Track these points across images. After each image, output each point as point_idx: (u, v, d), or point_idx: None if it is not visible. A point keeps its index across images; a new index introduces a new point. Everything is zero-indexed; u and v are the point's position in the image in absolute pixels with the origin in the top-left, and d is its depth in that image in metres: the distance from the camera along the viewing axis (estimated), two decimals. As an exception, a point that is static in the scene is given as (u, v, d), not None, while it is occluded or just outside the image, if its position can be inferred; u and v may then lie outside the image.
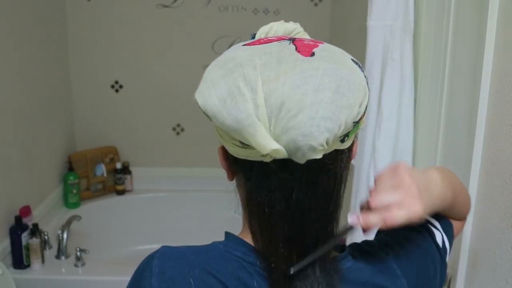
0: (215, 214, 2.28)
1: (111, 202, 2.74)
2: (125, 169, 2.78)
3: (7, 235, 1.94)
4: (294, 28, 0.67)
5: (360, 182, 1.36)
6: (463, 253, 0.98)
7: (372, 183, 1.28)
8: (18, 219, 1.94)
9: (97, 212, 2.64)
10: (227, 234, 0.67)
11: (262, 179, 0.59)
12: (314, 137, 0.53)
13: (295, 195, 0.59)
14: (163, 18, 2.66)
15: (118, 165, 2.74)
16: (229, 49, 0.62)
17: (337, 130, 0.54)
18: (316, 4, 2.66)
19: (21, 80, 2.13)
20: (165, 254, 0.65)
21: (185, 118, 2.80)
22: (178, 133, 2.83)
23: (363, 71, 0.61)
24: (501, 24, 0.87)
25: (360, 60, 0.66)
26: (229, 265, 0.63)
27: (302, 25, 0.69)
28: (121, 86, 2.76)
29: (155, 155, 2.85)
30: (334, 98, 0.54)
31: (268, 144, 0.54)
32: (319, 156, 0.55)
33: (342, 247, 0.70)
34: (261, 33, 0.66)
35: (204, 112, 0.59)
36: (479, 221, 0.93)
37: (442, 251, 0.74)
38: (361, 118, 0.59)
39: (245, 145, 0.58)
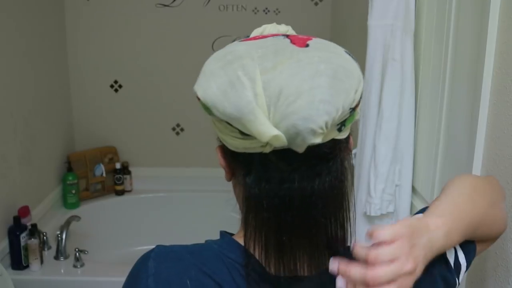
0: (215, 214, 2.28)
1: (111, 202, 2.73)
2: (125, 169, 2.78)
3: (5, 236, 1.94)
4: (286, 30, 0.69)
5: (360, 182, 1.35)
6: (464, 253, 0.97)
7: (372, 185, 1.28)
8: (16, 219, 1.93)
9: (96, 212, 2.63)
10: (222, 234, 0.68)
11: (262, 171, 0.60)
12: (314, 120, 0.54)
13: (292, 185, 0.59)
14: (162, 18, 2.66)
15: (118, 165, 2.74)
16: (226, 46, 0.63)
17: (335, 114, 0.56)
18: (316, 4, 2.65)
19: (20, 80, 2.12)
20: (161, 255, 0.65)
21: (185, 118, 2.79)
22: (177, 133, 2.83)
23: (356, 62, 0.62)
24: (502, 23, 0.87)
25: (360, 60, 0.66)
26: (224, 266, 0.63)
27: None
28: (120, 86, 2.75)
29: (154, 155, 2.84)
30: (331, 83, 0.56)
31: (267, 131, 0.54)
32: (318, 140, 0.56)
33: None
34: (255, 33, 0.67)
35: (203, 105, 0.59)
36: (480, 222, 0.93)
37: (451, 270, 0.69)
38: (356, 106, 0.60)
39: (244, 136, 0.58)
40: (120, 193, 2.77)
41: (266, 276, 0.62)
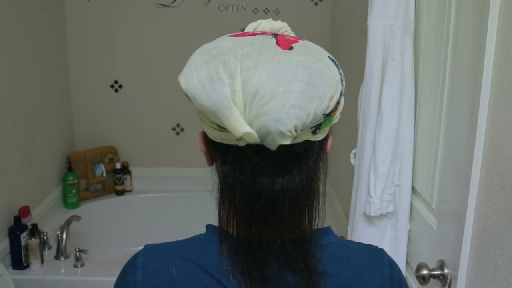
0: (214, 214, 2.28)
1: (111, 202, 2.73)
2: (125, 169, 2.78)
3: (6, 236, 1.94)
4: (281, 27, 0.71)
5: (360, 182, 1.35)
6: (464, 253, 0.97)
7: (372, 185, 1.28)
8: (17, 219, 1.93)
9: (97, 212, 2.64)
10: (207, 225, 0.72)
11: (236, 162, 0.63)
12: (283, 123, 0.56)
13: (264, 179, 0.62)
14: (162, 18, 2.66)
15: (118, 165, 2.74)
16: (216, 39, 0.66)
17: (306, 119, 0.58)
18: (316, 4, 2.65)
19: (20, 80, 2.12)
20: (149, 250, 0.70)
21: (185, 118, 2.80)
22: (178, 133, 2.83)
23: (339, 68, 0.64)
24: (502, 23, 0.87)
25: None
26: (209, 251, 0.68)
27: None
28: (120, 86, 2.75)
29: (154, 155, 2.84)
30: (305, 88, 0.58)
31: (241, 127, 0.57)
32: (287, 142, 0.58)
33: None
34: (249, 28, 0.70)
35: (185, 94, 0.62)
36: (479, 221, 0.93)
37: None
38: (332, 112, 0.63)
39: (221, 128, 0.61)
40: (120, 193, 2.78)
41: (239, 242, 0.66)
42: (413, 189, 1.30)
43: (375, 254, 0.73)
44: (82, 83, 2.73)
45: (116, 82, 2.75)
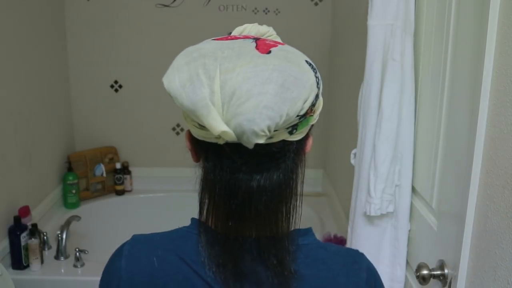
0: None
1: (111, 202, 2.73)
2: (125, 169, 2.78)
3: (6, 236, 1.94)
4: (267, 31, 0.74)
5: (360, 182, 1.35)
6: (464, 253, 0.97)
7: (372, 185, 1.29)
8: (17, 219, 1.93)
9: (97, 212, 2.64)
10: (192, 218, 0.76)
11: (217, 159, 0.67)
12: (257, 123, 0.59)
13: (242, 176, 0.65)
14: (162, 18, 2.66)
15: (118, 165, 2.74)
16: (201, 42, 0.69)
17: (278, 120, 0.60)
18: (316, 4, 2.65)
19: (20, 80, 2.12)
20: (135, 240, 0.76)
21: (185, 118, 2.79)
22: (178, 133, 2.83)
23: (316, 72, 0.67)
24: (502, 23, 0.87)
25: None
26: (189, 242, 0.71)
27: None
28: (120, 86, 2.75)
29: (154, 155, 2.84)
30: (278, 90, 0.61)
31: (218, 126, 0.60)
32: (261, 140, 0.61)
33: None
34: (235, 32, 0.73)
35: (168, 94, 0.66)
36: (479, 221, 0.93)
37: None
38: (308, 114, 0.66)
39: (201, 127, 0.65)
40: (120, 193, 2.78)
41: (216, 235, 0.69)
42: (413, 189, 1.30)
43: (354, 259, 0.75)
44: (82, 83, 2.73)
45: (116, 82, 2.75)
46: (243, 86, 0.60)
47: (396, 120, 1.26)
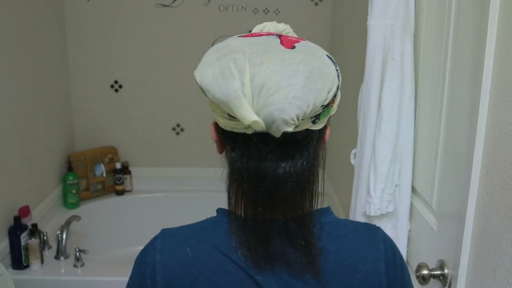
0: (214, 214, 2.28)
1: (111, 202, 2.73)
2: (125, 169, 2.78)
3: (6, 236, 1.94)
4: (285, 28, 0.78)
5: (360, 182, 1.35)
6: (464, 253, 0.97)
7: (371, 185, 1.28)
8: (17, 219, 1.94)
9: (97, 212, 2.64)
10: (218, 209, 0.79)
11: (244, 148, 0.70)
12: (287, 112, 0.64)
13: (268, 163, 0.69)
14: (162, 18, 2.66)
15: (118, 165, 2.74)
16: (227, 39, 0.73)
17: (306, 108, 0.65)
18: (316, 4, 2.65)
19: (20, 80, 2.12)
20: (166, 234, 0.78)
21: (185, 118, 2.80)
22: (178, 133, 2.83)
23: (336, 65, 0.71)
24: (502, 23, 0.87)
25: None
26: (220, 230, 0.75)
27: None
28: (120, 86, 2.75)
29: (154, 155, 2.84)
30: (305, 82, 0.65)
31: (249, 116, 0.64)
32: (290, 129, 0.65)
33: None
34: (256, 29, 0.77)
35: (200, 87, 0.69)
36: (479, 221, 0.93)
37: None
38: (330, 104, 0.70)
39: (231, 117, 0.68)
40: (120, 193, 2.78)
41: (246, 221, 0.73)
42: (413, 189, 1.30)
43: (371, 232, 0.80)
44: (82, 83, 2.73)
45: (116, 82, 2.75)
46: (272, 79, 0.64)
47: (396, 120, 1.26)
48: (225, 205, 0.77)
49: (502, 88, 0.86)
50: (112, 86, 2.75)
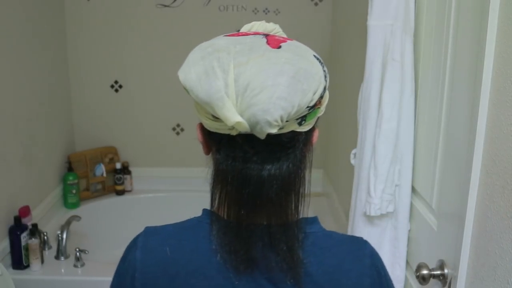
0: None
1: (111, 202, 2.73)
2: (125, 169, 2.78)
3: (6, 236, 1.94)
4: (273, 28, 0.76)
5: (360, 182, 1.35)
6: (464, 253, 0.97)
7: (372, 185, 1.29)
8: (17, 219, 1.94)
9: (97, 212, 2.64)
10: (203, 209, 0.78)
11: (229, 150, 0.69)
12: (270, 113, 0.62)
13: (253, 165, 0.68)
14: (162, 18, 2.66)
15: (118, 165, 2.74)
16: (213, 38, 0.72)
17: (291, 110, 0.63)
18: (316, 4, 2.65)
19: (20, 80, 2.12)
20: (148, 232, 0.78)
21: (185, 118, 2.80)
22: (178, 133, 2.83)
23: (323, 66, 0.70)
24: (502, 23, 0.87)
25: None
26: (201, 232, 0.74)
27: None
28: (120, 86, 2.75)
29: (155, 155, 2.85)
30: (290, 82, 0.63)
31: (232, 117, 0.62)
32: (274, 130, 0.64)
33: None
34: (244, 29, 0.76)
35: (184, 87, 0.68)
36: (479, 221, 0.93)
37: None
38: (316, 105, 0.68)
39: (215, 118, 0.67)
40: (120, 193, 2.78)
41: (229, 223, 0.71)
42: (413, 189, 1.30)
43: (358, 246, 0.78)
44: (82, 83, 2.73)
45: (116, 82, 2.75)
46: (257, 78, 0.63)
47: (396, 120, 1.26)
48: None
49: (502, 88, 0.86)
50: (112, 86, 2.75)
